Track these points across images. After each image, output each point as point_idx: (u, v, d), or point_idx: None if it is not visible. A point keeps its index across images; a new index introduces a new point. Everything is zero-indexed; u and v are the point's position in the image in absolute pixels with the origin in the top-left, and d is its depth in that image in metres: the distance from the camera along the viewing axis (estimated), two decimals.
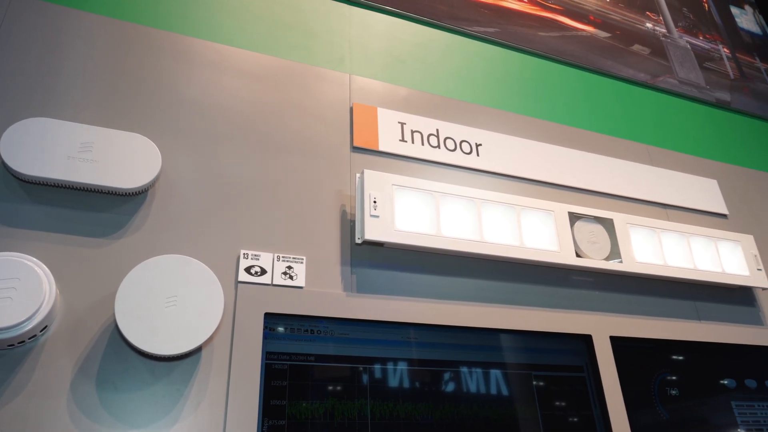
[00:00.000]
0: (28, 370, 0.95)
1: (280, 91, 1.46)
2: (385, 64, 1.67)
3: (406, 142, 1.52)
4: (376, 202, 1.29)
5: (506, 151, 1.65)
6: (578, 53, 2.10)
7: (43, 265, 0.99)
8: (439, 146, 1.55)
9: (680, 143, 2.10)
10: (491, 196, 1.44)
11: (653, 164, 1.94)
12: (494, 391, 1.28)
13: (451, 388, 1.24)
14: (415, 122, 1.56)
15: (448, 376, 1.25)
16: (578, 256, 1.49)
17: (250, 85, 1.43)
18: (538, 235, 1.48)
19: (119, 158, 1.13)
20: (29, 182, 1.09)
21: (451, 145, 1.57)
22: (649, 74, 2.24)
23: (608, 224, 1.58)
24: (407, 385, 1.21)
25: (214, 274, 1.07)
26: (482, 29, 1.92)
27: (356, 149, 1.46)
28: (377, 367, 1.20)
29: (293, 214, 1.30)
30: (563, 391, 1.36)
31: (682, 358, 1.56)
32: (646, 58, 2.30)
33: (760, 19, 3.07)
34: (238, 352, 1.08)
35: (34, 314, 0.93)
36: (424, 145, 1.53)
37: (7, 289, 0.92)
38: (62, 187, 1.11)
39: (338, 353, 1.18)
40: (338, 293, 1.23)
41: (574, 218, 1.54)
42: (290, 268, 1.22)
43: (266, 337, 1.13)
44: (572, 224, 1.52)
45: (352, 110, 1.51)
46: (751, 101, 2.50)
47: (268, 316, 1.15)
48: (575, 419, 1.33)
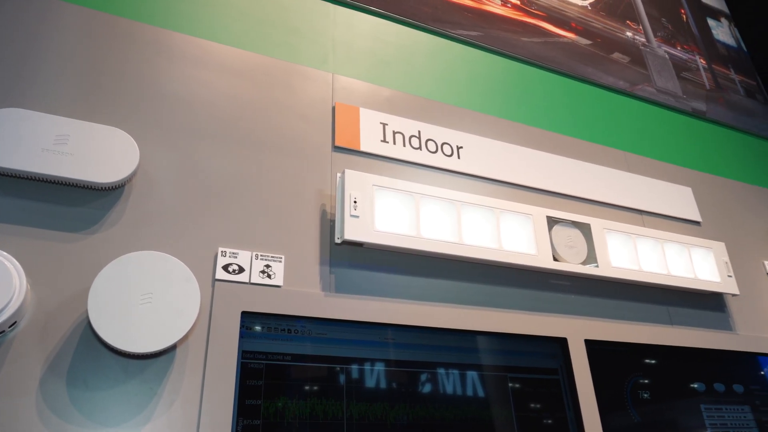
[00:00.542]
0: None
1: (262, 88, 1.45)
2: (368, 64, 1.67)
3: (387, 142, 1.52)
4: (356, 202, 1.29)
5: (487, 154, 1.66)
6: (560, 59, 2.13)
7: (13, 259, 0.97)
8: (420, 148, 1.56)
9: (657, 151, 2.14)
10: (471, 198, 1.45)
11: (630, 171, 1.97)
12: (470, 392, 1.29)
13: (427, 389, 1.25)
14: (397, 123, 1.56)
15: (424, 377, 1.26)
16: (555, 259, 1.50)
17: (232, 81, 1.42)
18: (516, 238, 1.49)
19: (96, 152, 1.11)
20: (1, 174, 1.06)
21: (432, 147, 1.58)
22: (628, 82, 2.28)
23: (585, 229, 1.60)
24: (384, 385, 1.21)
25: (190, 271, 1.05)
26: (465, 32, 1.94)
27: (337, 149, 1.45)
28: (354, 367, 1.20)
29: (272, 212, 1.29)
30: (538, 393, 1.37)
31: (654, 361, 1.59)
32: (625, 66, 2.34)
33: (735, 31, 3.14)
34: (213, 350, 1.07)
35: (2, 310, 0.91)
36: (405, 146, 1.54)
37: None
38: (36, 180, 1.09)
39: (315, 353, 1.18)
40: (316, 293, 1.23)
41: (552, 222, 1.55)
42: (268, 266, 1.21)
43: (243, 335, 1.12)
44: (550, 228, 1.54)
45: (334, 110, 1.51)
46: (725, 112, 2.56)
47: (245, 314, 1.14)
48: (549, 421, 1.35)
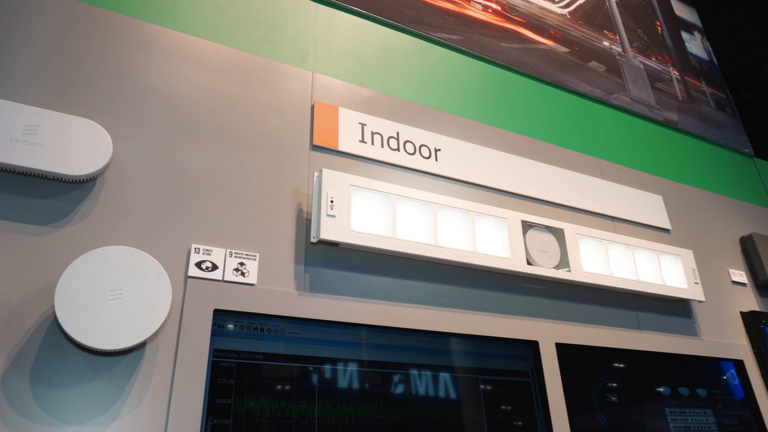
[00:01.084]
0: None
1: (240, 84, 1.43)
2: (348, 64, 1.66)
3: (366, 143, 1.52)
4: (333, 201, 1.29)
5: (464, 157, 1.67)
6: (538, 66, 2.15)
7: None
8: (398, 149, 1.56)
9: (630, 159, 2.18)
10: (447, 201, 1.46)
11: (604, 178, 2.01)
12: (442, 394, 1.30)
13: (400, 390, 1.25)
14: (376, 124, 1.56)
15: (397, 378, 1.26)
16: (529, 263, 1.52)
17: (210, 76, 1.40)
18: (491, 241, 1.51)
19: (67, 143, 1.08)
20: None
21: (410, 148, 1.59)
22: (604, 91, 2.32)
23: (559, 234, 1.63)
24: (356, 386, 1.21)
25: (162, 267, 1.04)
26: (446, 36, 1.95)
27: (315, 147, 1.45)
28: (327, 367, 1.19)
29: (248, 209, 1.28)
30: (509, 395, 1.39)
31: (622, 365, 1.62)
32: (602, 75, 2.38)
33: (707, 45, 3.23)
34: (184, 348, 1.05)
35: None
36: (383, 147, 1.54)
37: None
38: (3, 170, 1.06)
39: (288, 352, 1.17)
40: (290, 292, 1.22)
41: (526, 227, 1.57)
42: (242, 264, 1.20)
43: (215, 334, 1.11)
44: (525, 232, 1.56)
45: (313, 108, 1.50)
46: (696, 123, 2.63)
47: (217, 312, 1.13)
48: (519, 423, 1.36)
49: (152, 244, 1.14)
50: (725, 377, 1.82)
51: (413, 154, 1.58)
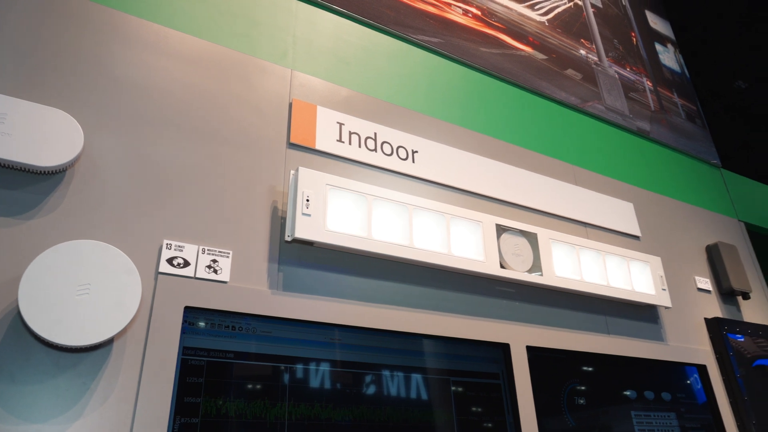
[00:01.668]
0: None
1: (218, 79, 1.41)
2: (328, 63, 1.66)
3: (343, 142, 1.51)
4: (308, 200, 1.28)
5: (441, 160, 1.68)
6: (516, 72, 2.18)
7: None
8: (376, 150, 1.56)
9: (603, 166, 2.22)
10: (423, 202, 1.47)
11: (577, 184, 2.04)
12: (413, 395, 1.30)
13: (371, 390, 1.25)
14: (354, 124, 1.56)
15: (369, 378, 1.26)
16: (502, 267, 1.54)
17: (187, 70, 1.38)
18: (465, 244, 1.52)
19: (36, 133, 1.05)
20: None
21: (387, 149, 1.59)
22: (579, 98, 2.36)
23: (532, 238, 1.65)
24: (328, 386, 1.20)
25: (132, 263, 1.02)
26: (427, 38, 1.96)
27: (292, 146, 1.44)
28: (299, 367, 1.19)
29: (222, 206, 1.26)
30: (479, 397, 1.40)
31: (590, 369, 1.65)
32: (578, 82, 2.42)
33: (679, 57, 3.31)
34: (153, 345, 1.03)
35: None
36: (361, 147, 1.54)
37: None
38: None
39: (259, 351, 1.16)
40: (263, 290, 1.21)
41: (501, 230, 1.59)
42: (215, 261, 1.18)
43: (185, 331, 1.09)
44: (499, 236, 1.58)
45: (291, 106, 1.49)
46: (667, 133, 2.69)
47: (188, 309, 1.11)
48: (489, 424, 1.38)
49: (123, 238, 1.11)
50: (689, 381, 1.87)
51: (390, 155, 1.59)
